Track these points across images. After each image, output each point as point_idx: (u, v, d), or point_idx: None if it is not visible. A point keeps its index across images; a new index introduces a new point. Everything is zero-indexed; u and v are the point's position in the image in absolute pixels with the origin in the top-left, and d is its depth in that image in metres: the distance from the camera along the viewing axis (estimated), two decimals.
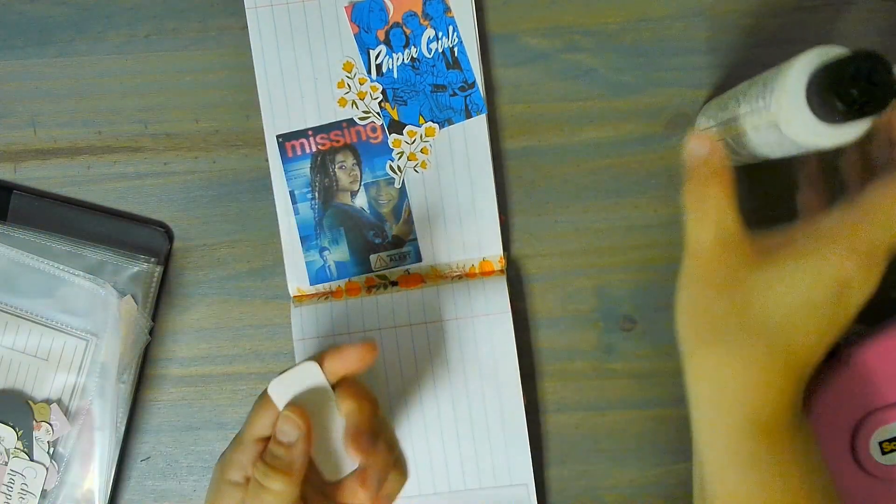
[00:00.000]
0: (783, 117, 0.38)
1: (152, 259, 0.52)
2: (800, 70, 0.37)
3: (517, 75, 0.52)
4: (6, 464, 0.51)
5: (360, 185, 0.52)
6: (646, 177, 0.52)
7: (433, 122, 0.51)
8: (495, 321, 0.50)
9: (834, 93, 0.35)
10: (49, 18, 0.52)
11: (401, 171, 0.51)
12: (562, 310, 0.52)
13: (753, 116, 0.41)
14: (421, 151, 0.51)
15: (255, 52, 0.51)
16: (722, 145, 0.40)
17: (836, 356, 0.46)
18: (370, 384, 0.50)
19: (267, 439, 0.41)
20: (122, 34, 0.52)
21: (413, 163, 0.51)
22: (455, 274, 0.52)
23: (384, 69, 0.51)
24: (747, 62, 0.51)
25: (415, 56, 0.51)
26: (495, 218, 0.51)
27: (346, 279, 0.52)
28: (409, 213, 0.52)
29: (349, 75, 0.51)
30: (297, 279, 0.52)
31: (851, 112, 0.35)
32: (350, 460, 0.41)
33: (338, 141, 0.51)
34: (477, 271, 0.52)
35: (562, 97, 0.52)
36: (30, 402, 0.51)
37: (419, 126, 0.51)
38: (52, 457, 0.51)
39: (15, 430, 0.51)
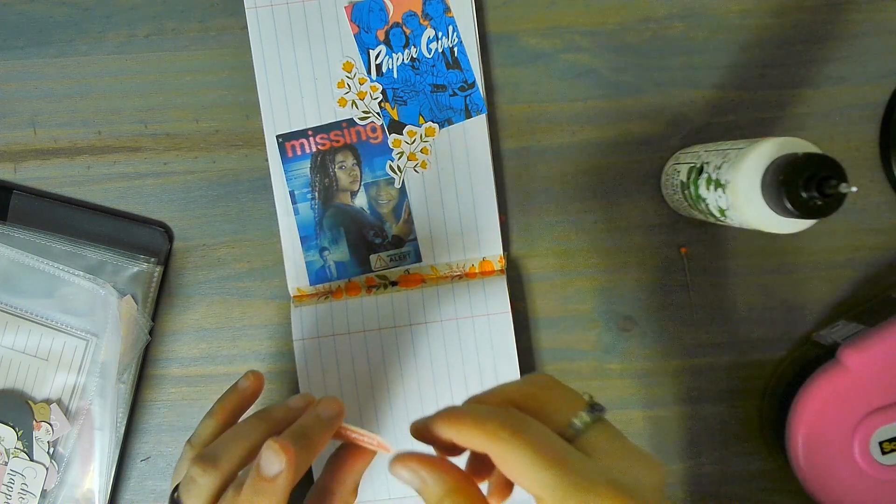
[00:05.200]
0: (736, 201, 0.39)
1: (152, 259, 0.52)
2: (758, 159, 0.38)
3: (517, 75, 0.52)
4: (6, 464, 0.51)
5: (360, 185, 0.52)
6: (646, 177, 0.52)
7: (433, 122, 0.51)
8: (495, 321, 0.50)
9: (785, 192, 0.36)
10: (49, 18, 0.52)
11: (401, 171, 0.51)
12: (562, 310, 0.52)
13: (710, 186, 0.42)
14: (421, 151, 0.51)
15: (255, 52, 0.51)
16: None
17: (836, 357, 0.46)
18: (369, 384, 0.50)
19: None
20: (122, 34, 0.52)
21: (413, 163, 0.51)
22: (455, 274, 0.52)
23: (384, 69, 0.51)
24: (747, 62, 0.51)
25: (415, 56, 0.51)
26: (495, 218, 0.51)
27: (346, 279, 0.52)
28: (409, 213, 0.52)
29: (349, 75, 0.51)
30: (297, 279, 0.52)
31: (799, 213, 0.36)
32: None
33: (338, 141, 0.51)
34: (477, 271, 0.52)
35: (562, 97, 0.52)
36: (30, 402, 0.51)
37: (419, 126, 0.51)
38: (52, 457, 0.51)
39: (15, 430, 0.51)
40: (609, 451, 0.32)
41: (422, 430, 0.34)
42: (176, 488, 0.37)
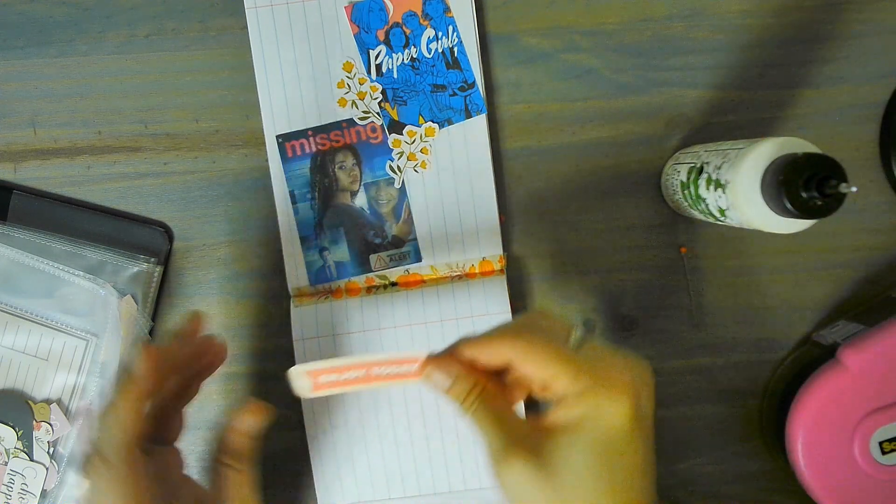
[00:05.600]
0: (736, 201, 0.39)
1: (152, 259, 0.52)
2: (758, 159, 0.39)
3: (517, 75, 0.52)
4: (6, 464, 0.51)
5: (359, 185, 0.52)
6: (646, 177, 0.52)
7: (433, 122, 0.51)
8: (495, 321, 0.50)
9: (785, 192, 0.36)
10: (49, 18, 0.52)
11: (401, 171, 0.51)
12: (562, 310, 0.52)
13: (710, 186, 0.42)
14: (421, 151, 0.51)
15: (255, 53, 0.51)
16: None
17: (836, 357, 0.46)
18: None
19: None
20: (122, 34, 0.52)
21: (413, 163, 0.51)
22: (455, 274, 0.52)
23: (384, 69, 0.51)
24: (747, 62, 0.51)
25: (415, 56, 0.51)
26: (495, 218, 0.51)
27: (346, 279, 0.52)
28: (409, 213, 0.52)
29: (349, 75, 0.51)
30: (297, 279, 0.52)
31: (799, 213, 0.36)
32: None
33: (338, 141, 0.51)
34: (477, 271, 0.52)
35: (562, 97, 0.52)
36: (30, 402, 0.51)
37: (419, 126, 0.51)
38: (52, 457, 0.51)
39: (15, 430, 0.51)
40: (604, 357, 0.38)
41: (439, 360, 0.39)
42: None
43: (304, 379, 0.43)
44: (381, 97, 0.51)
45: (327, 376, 0.43)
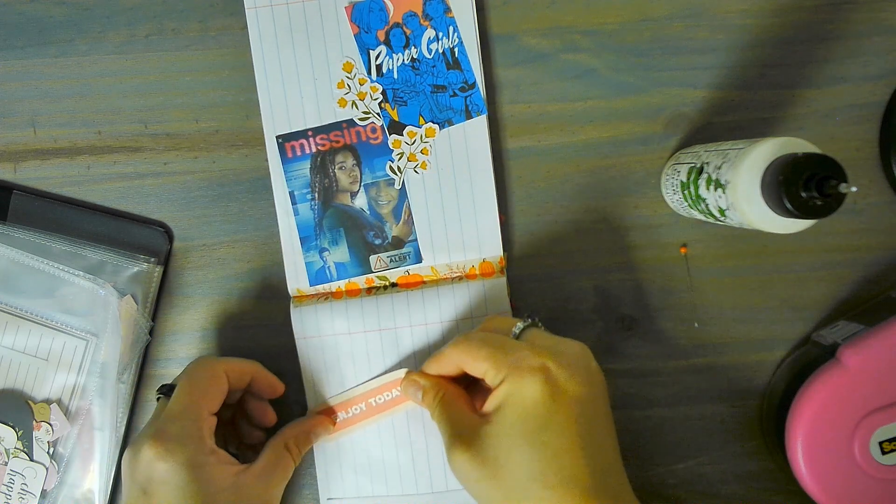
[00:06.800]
0: (736, 201, 0.40)
1: (152, 259, 0.52)
2: (758, 159, 0.39)
3: (517, 75, 0.52)
4: (6, 464, 0.51)
5: (359, 185, 0.52)
6: (646, 177, 0.52)
7: (433, 123, 0.51)
8: None
9: (785, 192, 0.36)
10: (49, 18, 0.52)
11: (401, 172, 0.51)
12: (562, 310, 0.52)
13: (710, 186, 0.43)
14: (421, 152, 0.51)
15: (254, 53, 0.51)
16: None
17: (836, 357, 0.46)
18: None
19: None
20: (122, 34, 0.52)
21: (413, 163, 0.51)
22: (455, 275, 0.52)
23: (384, 69, 0.51)
24: (747, 62, 0.51)
25: (415, 56, 0.51)
26: (495, 218, 0.51)
27: (346, 280, 0.52)
28: (409, 213, 0.52)
29: (349, 76, 0.51)
30: (296, 280, 0.52)
31: (799, 213, 0.36)
32: None
33: (337, 141, 0.51)
34: (477, 272, 0.52)
35: (562, 97, 0.52)
36: (30, 402, 0.51)
37: (419, 127, 0.51)
38: (52, 457, 0.51)
39: (15, 430, 0.51)
40: (538, 336, 0.44)
41: (411, 376, 0.48)
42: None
43: None
44: (381, 97, 0.51)
45: (336, 416, 0.50)
